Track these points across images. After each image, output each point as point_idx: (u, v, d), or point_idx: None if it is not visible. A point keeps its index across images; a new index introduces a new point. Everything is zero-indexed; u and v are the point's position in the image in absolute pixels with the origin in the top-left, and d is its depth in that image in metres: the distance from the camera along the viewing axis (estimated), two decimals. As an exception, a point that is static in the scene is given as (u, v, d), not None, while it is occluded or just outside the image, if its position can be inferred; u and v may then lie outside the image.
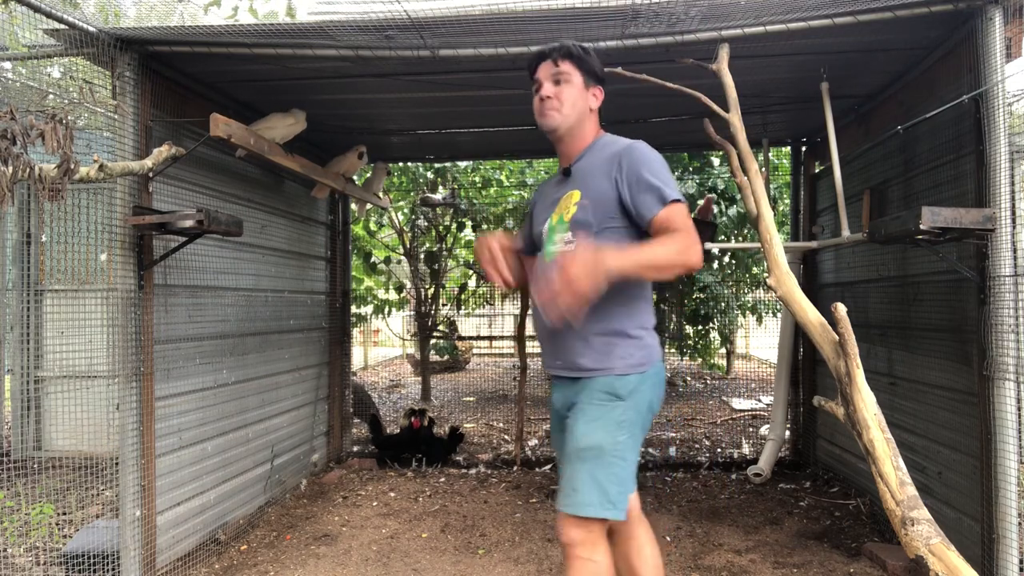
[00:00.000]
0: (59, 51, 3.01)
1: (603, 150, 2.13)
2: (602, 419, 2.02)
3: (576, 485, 2.02)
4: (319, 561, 3.55)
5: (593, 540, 2.03)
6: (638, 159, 2.02)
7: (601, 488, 2.00)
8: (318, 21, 2.94)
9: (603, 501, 1.99)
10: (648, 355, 2.09)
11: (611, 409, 2.03)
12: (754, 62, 3.41)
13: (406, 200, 7.98)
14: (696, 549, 3.63)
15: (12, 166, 2.14)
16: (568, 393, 2.16)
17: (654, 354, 2.12)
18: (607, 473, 2.01)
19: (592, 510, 1.99)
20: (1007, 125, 2.67)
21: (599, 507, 1.99)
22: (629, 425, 2.04)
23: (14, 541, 3.64)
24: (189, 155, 3.18)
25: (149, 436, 3.12)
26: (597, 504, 1.99)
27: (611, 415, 2.03)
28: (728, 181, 7.19)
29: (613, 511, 2.00)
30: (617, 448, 2.02)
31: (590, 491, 2.00)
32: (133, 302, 3.04)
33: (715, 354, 8.97)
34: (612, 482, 2.00)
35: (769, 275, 2.56)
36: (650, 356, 2.10)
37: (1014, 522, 2.58)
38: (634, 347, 2.07)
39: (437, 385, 9.67)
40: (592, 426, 2.03)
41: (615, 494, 2.01)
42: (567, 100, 2.14)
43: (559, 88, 2.15)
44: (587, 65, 2.17)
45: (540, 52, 2.19)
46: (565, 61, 2.15)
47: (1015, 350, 2.62)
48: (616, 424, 2.03)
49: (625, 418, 2.04)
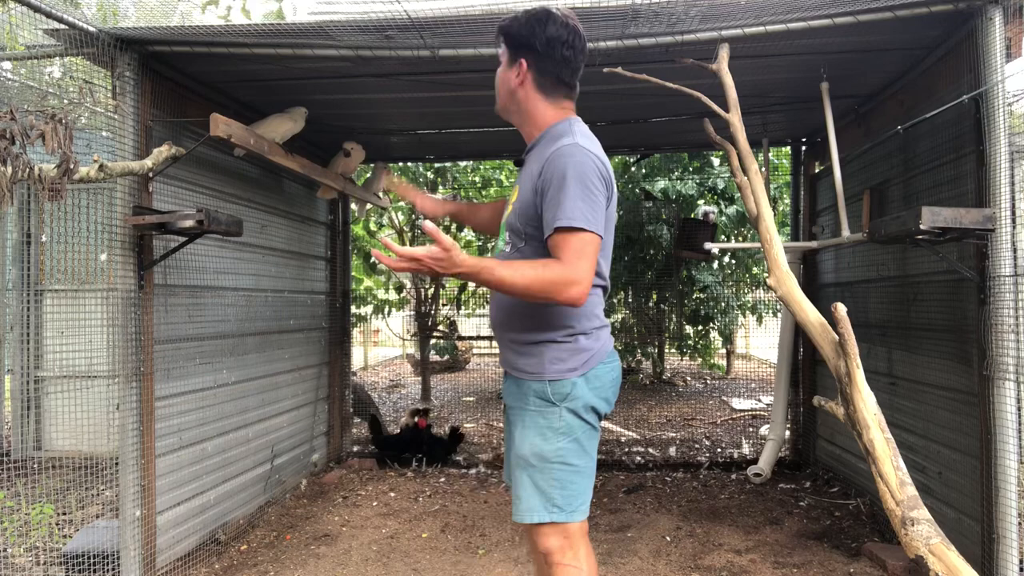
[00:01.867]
0: (59, 51, 3.01)
1: (545, 147, 1.93)
2: (537, 426, 1.96)
3: (519, 492, 1.98)
4: (319, 561, 3.55)
5: (570, 544, 1.97)
6: (556, 170, 1.83)
7: (543, 493, 1.94)
8: (318, 21, 2.94)
9: (547, 505, 1.93)
10: (584, 358, 1.97)
11: (546, 416, 1.96)
12: (754, 62, 3.41)
13: (406, 200, 7.98)
14: (696, 549, 3.63)
15: (12, 166, 2.14)
16: (512, 390, 2.08)
17: (593, 356, 1.99)
18: (547, 479, 1.94)
19: (536, 515, 1.94)
20: (1007, 125, 2.67)
21: (543, 511, 1.94)
22: (568, 429, 1.95)
23: (14, 541, 3.64)
24: (189, 155, 3.18)
25: (149, 436, 3.12)
26: (540, 508, 1.94)
27: (546, 421, 1.95)
28: (728, 181, 7.20)
29: (561, 514, 1.94)
30: (559, 454, 1.94)
31: (531, 497, 1.95)
32: (133, 302, 3.04)
33: (715, 354, 8.97)
34: (554, 487, 1.94)
35: (769, 275, 2.56)
36: (586, 358, 1.97)
37: (1014, 522, 2.58)
38: (565, 351, 1.96)
39: (437, 385, 9.67)
40: (528, 432, 1.98)
41: (560, 498, 1.94)
42: (497, 87, 2.03)
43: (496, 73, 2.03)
44: (512, 37, 1.97)
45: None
46: (499, 40, 2.00)
47: (1015, 350, 2.62)
48: (553, 431, 1.95)
49: (562, 423, 1.95)
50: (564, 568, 1.95)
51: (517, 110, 2.03)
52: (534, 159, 1.96)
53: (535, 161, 1.94)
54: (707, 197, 7.30)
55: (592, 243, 1.80)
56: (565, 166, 1.82)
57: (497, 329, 2.09)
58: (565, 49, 1.93)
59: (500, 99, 2.07)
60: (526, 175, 1.97)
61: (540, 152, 1.94)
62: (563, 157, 1.83)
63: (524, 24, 1.94)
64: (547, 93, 1.99)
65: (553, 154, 1.86)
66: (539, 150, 1.96)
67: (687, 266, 7.29)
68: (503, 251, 2.04)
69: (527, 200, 1.92)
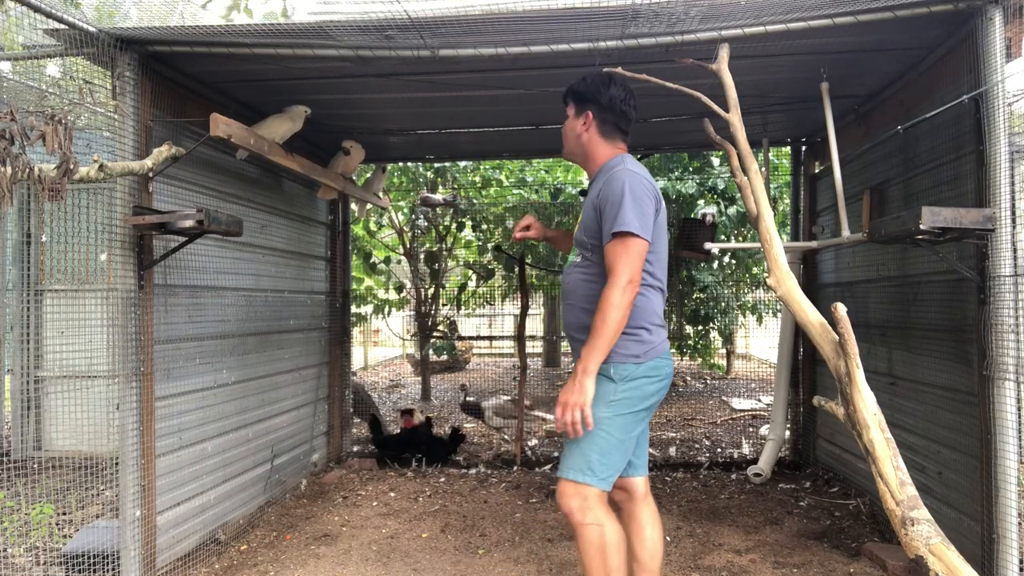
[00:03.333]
0: (59, 51, 3.01)
1: (602, 176, 2.41)
2: (596, 396, 2.24)
3: (566, 451, 2.35)
4: (319, 561, 3.55)
5: (589, 506, 2.28)
6: (612, 189, 2.30)
7: (584, 455, 2.29)
8: (318, 21, 2.94)
9: (584, 468, 2.29)
10: (645, 348, 2.36)
11: (604, 389, 2.30)
12: (754, 62, 3.41)
13: (406, 200, 7.98)
14: (696, 549, 3.63)
15: (12, 166, 2.14)
16: None
17: (653, 349, 2.38)
18: (591, 443, 2.29)
19: (572, 474, 2.30)
20: (1007, 125, 2.67)
21: (578, 472, 2.29)
22: (618, 405, 2.32)
23: (14, 541, 3.64)
24: (189, 155, 3.18)
25: (149, 436, 3.12)
26: (576, 469, 2.30)
27: (604, 393, 2.30)
28: (728, 181, 7.19)
29: (592, 477, 2.28)
30: (601, 422, 2.28)
31: (574, 457, 2.31)
32: (133, 302, 3.04)
33: (715, 354, 8.97)
34: (594, 451, 2.29)
35: (769, 275, 2.56)
36: (647, 349, 2.36)
37: (1014, 522, 2.58)
38: (631, 341, 2.34)
39: (437, 385, 9.67)
40: None
41: (596, 463, 2.29)
42: (565, 135, 2.57)
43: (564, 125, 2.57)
44: (578, 94, 2.51)
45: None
46: (568, 99, 2.56)
47: (1015, 350, 2.62)
48: (606, 402, 2.30)
49: (615, 398, 2.32)
50: (586, 527, 2.28)
51: (581, 152, 2.54)
52: (594, 188, 2.44)
53: (595, 189, 2.42)
54: (707, 197, 7.28)
55: (641, 246, 2.25)
56: (619, 185, 2.29)
57: (569, 330, 2.51)
58: (623, 105, 2.50)
59: (567, 145, 2.58)
60: (588, 201, 2.44)
61: (598, 181, 2.43)
62: (617, 179, 2.31)
63: (591, 84, 2.49)
64: (606, 137, 2.51)
65: (609, 178, 2.34)
66: (598, 180, 2.44)
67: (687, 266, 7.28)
68: (574, 261, 2.51)
69: (589, 217, 2.40)
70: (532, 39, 3.05)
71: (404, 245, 8.14)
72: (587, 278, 2.42)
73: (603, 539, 2.28)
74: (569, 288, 2.49)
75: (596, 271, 2.38)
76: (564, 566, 3.45)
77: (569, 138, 2.55)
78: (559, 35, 3.02)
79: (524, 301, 5.82)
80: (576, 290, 2.45)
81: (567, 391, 2.22)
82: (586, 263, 2.44)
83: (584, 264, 2.45)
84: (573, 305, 2.47)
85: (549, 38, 3.04)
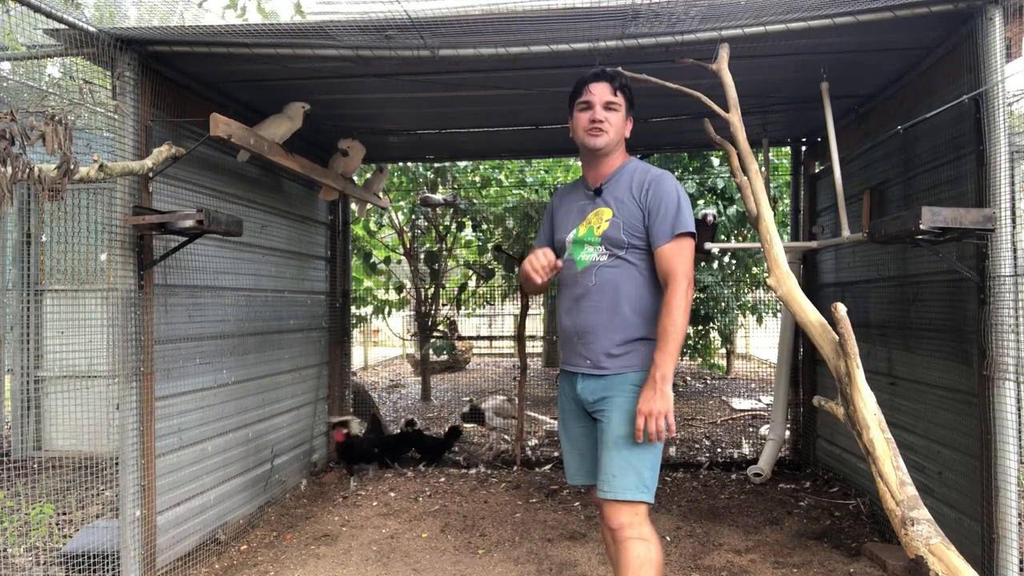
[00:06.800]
0: (59, 51, 3.01)
1: (633, 175, 2.40)
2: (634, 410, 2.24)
3: (615, 471, 2.26)
4: (319, 561, 3.55)
5: (641, 521, 2.26)
6: (666, 192, 2.32)
7: (637, 473, 2.25)
8: (318, 21, 2.94)
9: (639, 485, 2.24)
10: None
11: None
12: (754, 62, 3.41)
13: (406, 200, 7.98)
14: (696, 549, 3.63)
15: (12, 167, 2.14)
16: (595, 387, 2.38)
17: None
18: (641, 459, 2.26)
19: (631, 494, 2.24)
20: (1007, 125, 2.67)
21: (635, 491, 2.24)
22: None
23: (14, 541, 3.64)
24: (189, 155, 3.18)
25: (149, 436, 3.12)
26: (633, 488, 2.24)
27: None
28: (728, 181, 7.18)
29: (648, 494, 2.26)
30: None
31: (627, 475, 2.24)
32: (133, 302, 3.04)
33: (715, 354, 8.96)
34: (646, 468, 2.26)
35: (769, 275, 2.56)
36: None
37: (1014, 522, 2.58)
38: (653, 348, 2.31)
39: (437, 385, 9.67)
40: (626, 417, 2.27)
41: (648, 479, 2.26)
42: (615, 126, 2.41)
43: (608, 114, 2.39)
44: (631, 98, 2.47)
45: (600, 73, 2.41)
46: (620, 94, 2.42)
47: (1015, 350, 2.62)
48: None
49: None
50: (635, 542, 2.24)
51: (615, 150, 2.46)
52: (625, 186, 2.39)
53: (621, 187, 2.40)
54: (707, 197, 7.28)
55: (693, 245, 2.32)
56: (671, 186, 2.34)
57: (587, 337, 2.40)
58: None
59: (613, 138, 2.43)
60: (623, 198, 2.38)
61: (627, 180, 2.40)
62: (666, 182, 2.35)
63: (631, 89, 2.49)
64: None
65: (654, 180, 2.35)
66: (623, 179, 2.41)
67: (687, 266, 7.27)
68: (596, 260, 2.38)
69: (633, 217, 2.34)
70: (532, 39, 3.05)
71: (404, 245, 8.14)
72: (626, 278, 2.34)
73: (651, 555, 2.25)
74: (597, 287, 2.36)
75: (634, 270, 2.34)
76: (564, 566, 3.45)
77: (616, 135, 2.43)
78: (559, 35, 3.02)
79: (524, 301, 5.81)
80: (613, 290, 2.34)
81: (648, 399, 2.20)
82: (618, 262, 2.35)
83: (615, 263, 2.35)
84: (603, 306, 2.36)
85: (549, 38, 3.04)
